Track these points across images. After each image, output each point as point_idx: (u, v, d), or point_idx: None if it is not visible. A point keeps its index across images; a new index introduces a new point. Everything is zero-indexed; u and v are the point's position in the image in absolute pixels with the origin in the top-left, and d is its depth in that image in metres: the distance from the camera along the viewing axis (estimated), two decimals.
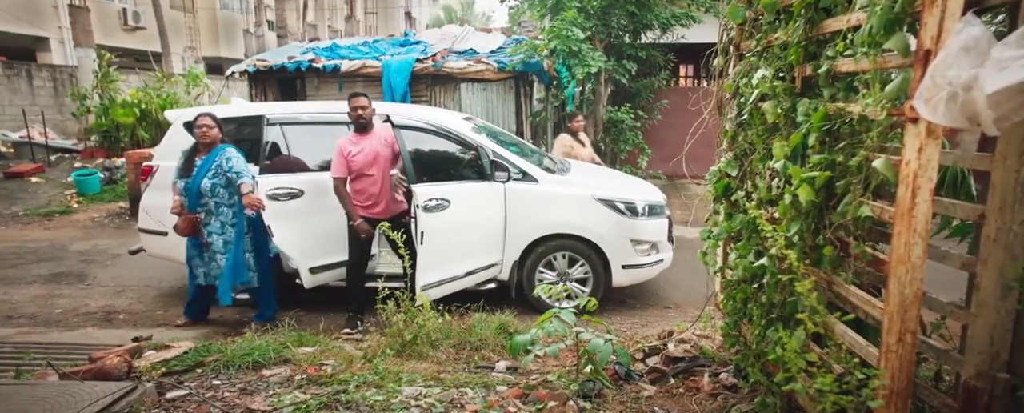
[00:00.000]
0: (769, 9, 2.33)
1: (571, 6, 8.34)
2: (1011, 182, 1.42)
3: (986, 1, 1.47)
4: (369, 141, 4.54)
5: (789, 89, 2.18)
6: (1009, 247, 1.44)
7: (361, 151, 4.49)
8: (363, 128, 4.56)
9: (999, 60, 1.28)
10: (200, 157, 4.41)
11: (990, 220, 1.48)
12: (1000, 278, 1.45)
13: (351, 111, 4.53)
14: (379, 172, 4.53)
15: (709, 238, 2.83)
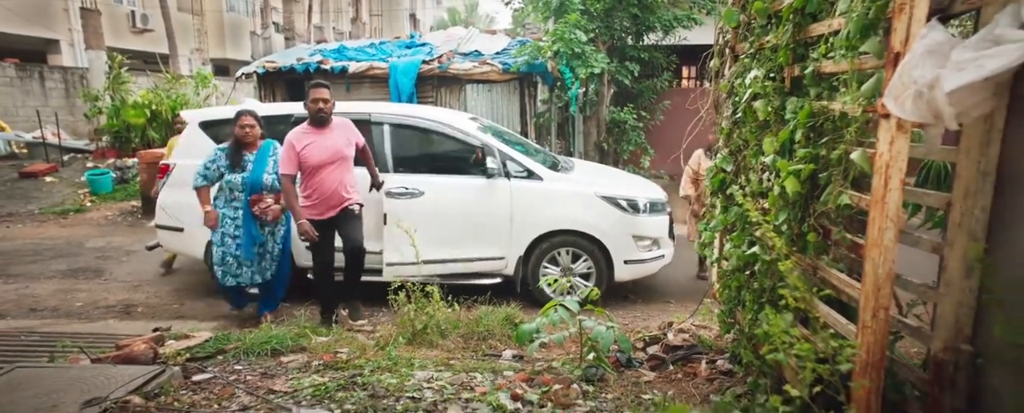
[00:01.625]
0: (761, 14, 2.49)
1: (574, 9, 8.50)
2: (973, 172, 1.57)
3: (950, 9, 1.62)
4: (325, 136, 4.25)
5: (779, 88, 2.33)
6: (972, 231, 1.59)
7: (312, 144, 4.18)
8: (320, 122, 4.25)
9: (958, 62, 1.43)
10: (248, 151, 4.42)
11: (955, 207, 1.63)
12: (964, 259, 1.60)
13: (310, 103, 4.20)
14: (334, 171, 4.24)
15: (706, 230, 2.98)
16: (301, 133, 4.24)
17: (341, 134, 4.34)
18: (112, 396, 2.58)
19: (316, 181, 4.23)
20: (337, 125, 4.35)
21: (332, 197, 4.27)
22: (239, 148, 4.41)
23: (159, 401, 2.66)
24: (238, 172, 4.35)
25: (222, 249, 4.39)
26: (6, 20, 15.44)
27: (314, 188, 4.26)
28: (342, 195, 4.31)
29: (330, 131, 4.27)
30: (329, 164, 4.22)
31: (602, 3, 9.01)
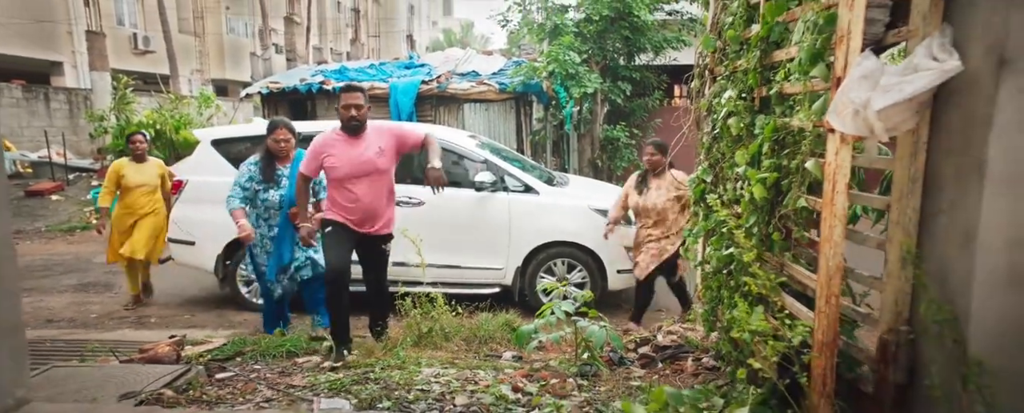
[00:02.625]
0: (733, 41, 2.79)
1: (568, 31, 8.87)
2: (905, 178, 1.85)
3: (883, 42, 1.91)
4: (357, 147, 3.70)
5: (749, 107, 2.62)
6: (906, 228, 1.86)
7: (338, 155, 3.67)
8: (353, 131, 3.72)
9: (885, 86, 1.72)
10: (281, 165, 4.22)
11: (893, 208, 1.90)
12: (901, 253, 1.87)
13: (342, 108, 3.69)
14: (370, 187, 3.72)
15: (690, 235, 3.25)
16: (330, 138, 3.76)
17: (372, 142, 3.74)
18: (146, 390, 2.81)
19: (350, 195, 3.72)
20: (370, 134, 3.77)
21: (364, 216, 3.78)
22: (271, 161, 4.19)
23: (188, 395, 2.89)
24: (273, 188, 4.15)
25: (259, 267, 4.31)
26: (12, 43, 15.77)
27: (341, 201, 3.76)
28: (378, 217, 3.83)
29: (363, 141, 3.73)
30: (358, 178, 3.71)
31: (595, 25, 9.39)
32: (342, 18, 32.03)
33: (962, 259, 1.65)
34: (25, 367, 2.29)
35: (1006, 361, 1.58)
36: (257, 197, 4.19)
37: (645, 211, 4.70)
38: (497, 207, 5.26)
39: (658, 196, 4.65)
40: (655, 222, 4.69)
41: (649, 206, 4.67)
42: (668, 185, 4.68)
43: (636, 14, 9.29)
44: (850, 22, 1.84)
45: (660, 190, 4.67)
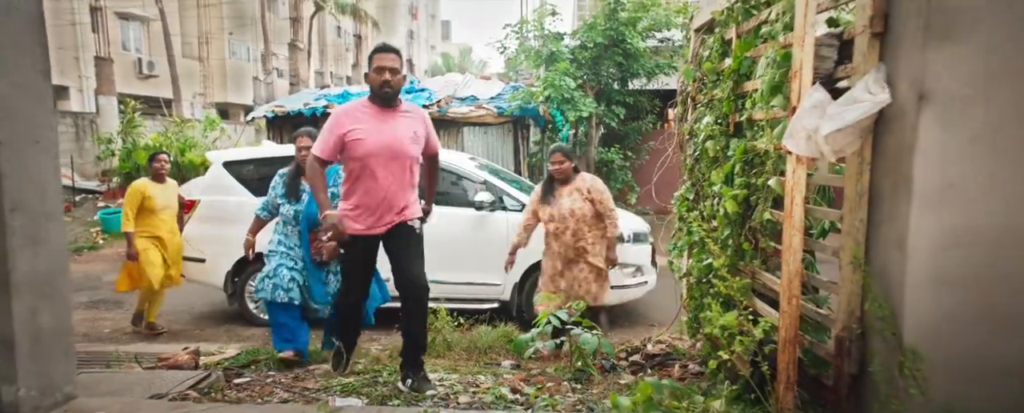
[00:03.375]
0: (710, 72, 3.10)
1: (563, 58, 9.24)
2: (853, 193, 2.13)
3: (833, 77, 2.21)
4: (386, 121, 3.10)
5: (724, 131, 2.92)
6: (855, 237, 2.14)
7: (365, 129, 3.04)
8: (385, 100, 3.10)
9: (830, 114, 2.01)
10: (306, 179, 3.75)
11: (845, 219, 2.18)
12: (851, 259, 2.15)
13: (374, 73, 3.06)
14: (391, 173, 3.10)
15: (675, 249, 3.53)
16: (354, 109, 3.15)
17: (407, 124, 3.17)
18: (172, 392, 3.05)
19: (363, 183, 3.11)
20: (406, 111, 3.21)
21: (381, 207, 3.14)
22: (298, 174, 3.95)
23: (211, 396, 3.12)
24: (293, 203, 3.92)
25: (279, 265, 3.83)
26: None
27: (359, 191, 3.14)
28: (397, 205, 3.18)
29: (395, 116, 3.13)
30: (384, 160, 3.07)
31: (589, 52, 9.77)
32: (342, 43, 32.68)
33: (897, 263, 1.93)
34: (73, 366, 2.53)
35: (933, 349, 1.84)
36: (279, 210, 4.03)
37: (561, 218, 4.28)
38: (496, 226, 5.53)
39: (571, 202, 4.28)
40: (573, 232, 4.28)
41: (565, 213, 4.27)
42: (577, 191, 4.32)
43: (629, 41, 9.68)
44: (801, 60, 2.14)
45: (571, 196, 4.30)
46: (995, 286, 1.81)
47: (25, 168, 2.23)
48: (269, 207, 4.09)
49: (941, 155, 1.82)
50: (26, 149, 2.23)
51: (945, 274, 1.85)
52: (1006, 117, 1.77)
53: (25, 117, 2.22)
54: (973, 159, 1.80)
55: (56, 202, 2.39)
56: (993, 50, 1.75)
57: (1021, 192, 1.79)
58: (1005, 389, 1.79)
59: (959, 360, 1.84)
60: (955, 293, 1.84)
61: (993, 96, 1.77)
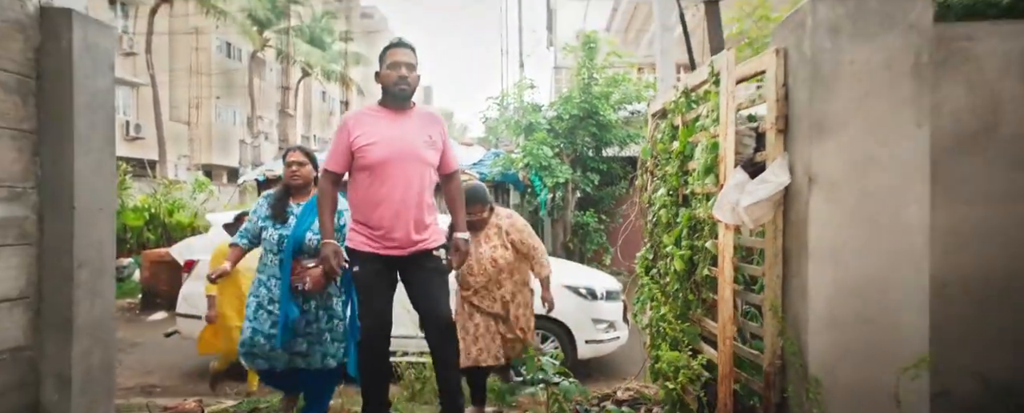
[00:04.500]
0: (663, 152, 3.69)
1: (541, 128, 9.96)
2: (771, 253, 2.66)
3: (753, 161, 2.79)
4: (402, 126, 2.89)
5: (674, 201, 3.47)
6: (773, 289, 2.65)
7: (376, 131, 2.84)
8: (398, 99, 2.90)
9: (748, 191, 2.57)
10: (295, 201, 3.44)
11: (766, 275, 2.70)
12: (771, 307, 2.65)
13: (388, 69, 2.87)
14: (405, 181, 2.85)
15: (637, 303, 4.02)
16: (362, 113, 2.96)
17: (421, 126, 2.94)
18: None
19: (372, 193, 2.85)
20: (420, 114, 2.99)
21: (393, 221, 2.85)
22: (286, 196, 3.47)
23: None
24: (278, 226, 3.36)
25: (253, 324, 3.38)
26: None
27: (367, 204, 2.88)
28: (412, 223, 2.88)
29: (408, 118, 2.93)
30: (394, 165, 2.83)
31: (565, 123, 10.52)
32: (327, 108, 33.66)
33: (802, 309, 2.44)
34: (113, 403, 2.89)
35: (829, 378, 2.33)
36: (262, 236, 3.43)
37: (479, 268, 3.63)
38: None
39: (491, 249, 3.68)
40: (491, 279, 3.68)
41: (486, 261, 3.63)
42: (494, 233, 3.75)
43: (602, 113, 10.46)
44: (725, 148, 2.72)
45: (490, 241, 3.71)
46: (872, 326, 2.33)
47: (91, 231, 2.67)
48: (249, 235, 3.51)
49: (828, 224, 2.37)
50: (93, 215, 2.69)
51: (836, 318, 2.37)
52: (871, 194, 2.34)
53: (94, 189, 2.69)
54: (851, 227, 2.35)
55: (110, 259, 2.82)
56: (856, 143, 2.33)
57: (887, 253, 2.33)
58: (880, 408, 2.27)
59: (848, 386, 2.32)
60: (844, 332, 2.35)
61: (860, 178, 2.34)
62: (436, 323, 2.96)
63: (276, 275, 3.36)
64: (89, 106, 2.64)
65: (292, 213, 3.39)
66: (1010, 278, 2.49)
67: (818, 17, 2.36)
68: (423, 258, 2.97)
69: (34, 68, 2.52)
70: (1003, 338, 2.48)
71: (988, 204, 2.49)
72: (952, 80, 2.49)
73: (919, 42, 2.31)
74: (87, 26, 2.62)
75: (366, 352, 2.98)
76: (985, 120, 2.48)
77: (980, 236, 2.50)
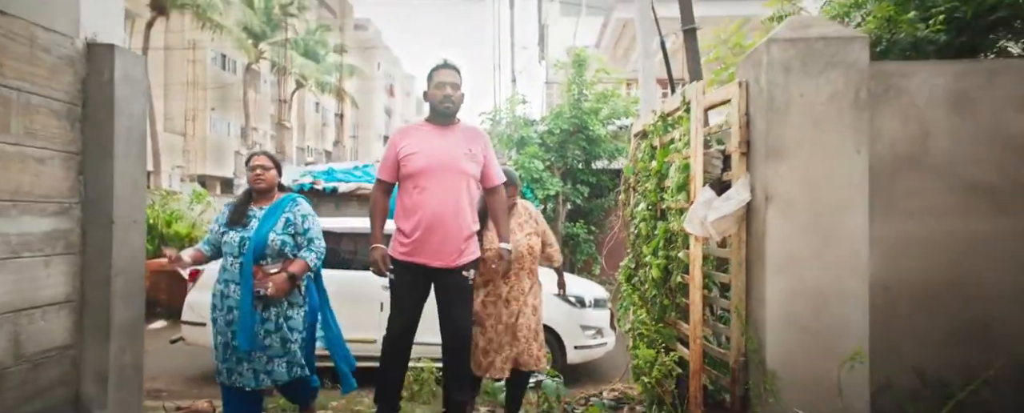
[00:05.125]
0: (643, 170, 4.03)
1: (533, 143, 10.31)
2: (736, 262, 2.99)
3: (721, 179, 3.13)
4: (445, 139, 3.12)
5: (653, 215, 3.81)
6: (738, 294, 2.97)
7: (419, 144, 3.08)
8: (443, 116, 3.15)
9: (714, 207, 2.91)
10: (257, 205, 3.40)
11: (732, 282, 3.03)
12: (736, 310, 2.98)
13: (434, 89, 3.13)
14: (445, 191, 3.04)
15: (620, 308, 4.34)
16: (411, 128, 3.24)
17: (463, 140, 3.16)
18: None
19: (414, 201, 3.06)
20: (462, 130, 3.22)
21: (435, 230, 3.04)
22: (247, 200, 3.42)
23: None
24: (239, 230, 3.28)
25: (221, 338, 3.30)
26: None
27: (410, 212, 3.08)
28: (454, 234, 3.08)
29: (452, 132, 3.16)
30: (435, 174, 3.05)
31: (556, 137, 10.89)
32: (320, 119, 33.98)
33: (761, 312, 2.77)
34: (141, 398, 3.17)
35: (784, 370, 2.66)
36: (222, 241, 3.34)
37: (519, 259, 3.56)
38: None
39: (525, 236, 3.64)
40: (523, 268, 3.61)
41: (524, 250, 3.60)
42: (526, 221, 3.75)
43: (591, 128, 10.84)
44: (695, 169, 3.06)
45: (523, 229, 3.68)
46: (820, 326, 2.66)
47: (126, 242, 2.97)
48: (210, 243, 3.45)
49: (782, 237, 2.71)
50: (128, 227, 2.99)
51: (790, 319, 2.70)
52: (819, 211, 2.68)
53: (130, 204, 2.99)
54: (802, 239, 2.69)
55: (142, 267, 3.12)
56: (807, 167, 2.68)
57: (833, 262, 2.68)
58: (826, 396, 2.60)
59: (799, 379, 2.65)
60: (796, 332, 2.68)
61: (809, 196, 2.69)
62: (453, 335, 3.23)
63: (235, 280, 3.25)
64: (127, 130, 2.95)
65: (254, 216, 3.34)
66: (944, 282, 2.84)
67: (772, 56, 2.72)
68: (454, 277, 3.17)
69: (80, 97, 2.83)
70: (937, 336, 2.82)
71: (924, 218, 2.84)
72: (891, 110, 2.84)
73: (858, 79, 2.67)
74: (126, 59, 2.94)
75: (388, 351, 3.23)
76: (918, 146, 2.84)
77: (918, 246, 2.85)
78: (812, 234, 2.69)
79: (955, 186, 2.83)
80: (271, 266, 3.22)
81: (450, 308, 3.21)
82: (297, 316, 3.33)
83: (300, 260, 3.26)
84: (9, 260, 2.48)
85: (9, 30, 2.46)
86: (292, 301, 3.30)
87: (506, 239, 3.26)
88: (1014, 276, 2.72)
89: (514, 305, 3.57)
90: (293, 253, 3.30)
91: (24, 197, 2.54)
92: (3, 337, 2.45)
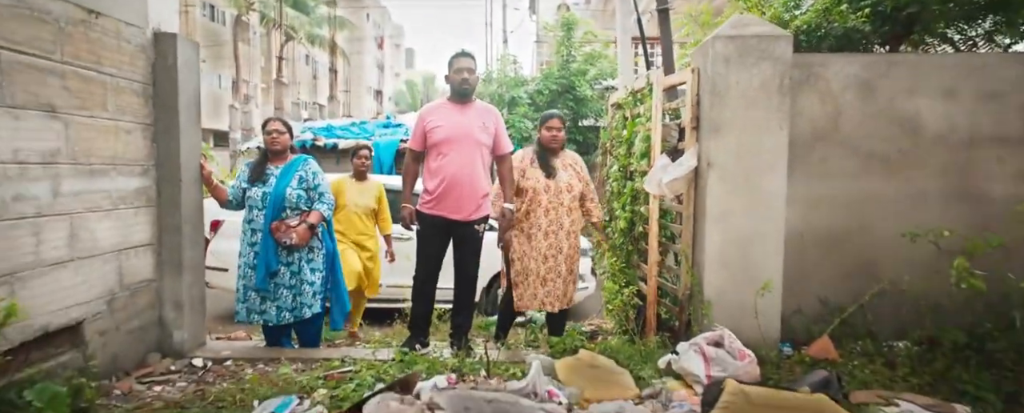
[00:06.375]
0: (617, 136, 4.71)
1: (522, 103, 10.89)
2: (687, 215, 3.70)
3: (677, 148, 3.82)
4: (463, 115, 3.71)
5: (624, 175, 4.51)
6: (687, 242, 3.70)
7: (442, 119, 3.68)
8: (462, 95, 3.74)
9: (670, 171, 3.61)
10: (273, 164, 3.88)
11: (682, 232, 3.76)
12: (684, 255, 3.71)
13: (453, 74, 3.72)
14: (463, 157, 3.64)
15: (598, 255, 5.09)
16: (435, 106, 3.83)
17: (478, 116, 3.75)
18: None
19: (438, 164, 3.67)
20: (478, 107, 3.82)
21: (455, 187, 3.66)
22: (264, 161, 3.90)
23: None
24: (259, 186, 3.78)
25: (243, 282, 3.82)
26: None
27: (434, 175, 3.69)
28: (470, 192, 3.69)
29: (469, 109, 3.75)
30: (456, 143, 3.65)
31: (545, 97, 11.47)
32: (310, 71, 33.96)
33: (702, 255, 3.52)
34: (205, 322, 3.90)
35: (717, 300, 3.42)
36: (244, 196, 3.84)
37: (557, 192, 3.93)
38: None
39: (570, 176, 4.01)
40: (569, 208, 3.96)
41: (562, 186, 3.95)
42: (570, 163, 4.11)
43: (578, 88, 11.41)
44: (654, 139, 3.75)
45: (568, 170, 4.04)
46: (744, 265, 3.41)
47: (190, 196, 3.64)
48: (234, 194, 3.89)
49: (719, 196, 3.43)
50: (191, 185, 3.65)
51: (722, 260, 3.45)
52: (748, 175, 3.40)
53: (190, 165, 3.64)
54: (735, 198, 3.41)
55: (201, 217, 3.79)
56: (740, 141, 3.38)
57: (757, 216, 3.40)
58: (747, 318, 3.38)
59: (728, 305, 3.42)
60: (727, 270, 3.44)
61: (741, 164, 3.39)
62: (461, 275, 3.93)
63: (260, 229, 3.73)
64: (187, 105, 3.58)
65: (272, 174, 3.81)
66: (845, 231, 3.59)
67: (716, 50, 3.37)
68: (467, 229, 3.77)
69: (151, 78, 3.44)
70: (837, 272, 3.59)
71: (832, 181, 3.57)
72: (811, 94, 3.53)
73: (783, 70, 3.34)
74: (185, 45, 3.54)
75: (417, 291, 3.91)
76: (831, 122, 3.54)
77: (826, 202, 3.59)
78: (742, 194, 3.41)
79: (857, 155, 3.55)
80: (291, 219, 3.73)
81: (462, 255, 3.87)
82: (317, 258, 3.89)
83: (315, 211, 3.78)
84: (113, 211, 3.15)
85: (105, 27, 3.05)
86: (312, 246, 3.84)
87: (510, 200, 3.87)
88: (895, 224, 3.47)
89: (552, 238, 3.93)
90: (307, 206, 3.80)
91: (119, 161, 3.19)
92: (113, 270, 3.15)
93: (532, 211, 3.96)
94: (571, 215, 3.99)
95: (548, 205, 3.94)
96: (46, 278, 2.70)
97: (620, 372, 3.11)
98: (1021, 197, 3.44)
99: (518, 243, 4.00)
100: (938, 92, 3.54)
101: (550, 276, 3.95)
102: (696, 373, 2.88)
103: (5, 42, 2.49)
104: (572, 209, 3.99)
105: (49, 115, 2.73)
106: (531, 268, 3.97)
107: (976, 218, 3.51)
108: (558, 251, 3.94)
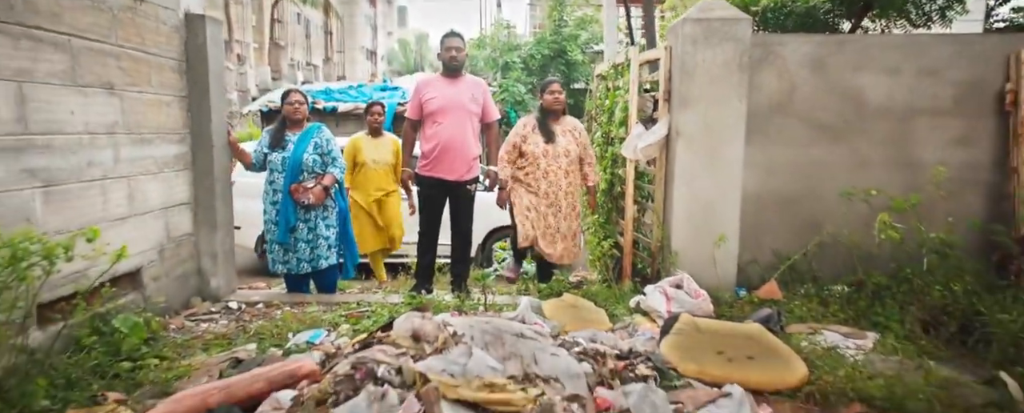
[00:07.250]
0: (601, 104, 5.18)
1: (516, 67, 11.25)
2: (660, 177, 4.20)
3: (651, 117, 4.29)
4: (455, 87, 4.19)
5: (606, 140, 5.00)
6: (659, 201, 4.20)
7: (437, 92, 4.17)
8: (452, 71, 4.23)
9: (644, 138, 4.10)
10: (291, 131, 4.30)
11: (655, 193, 4.27)
12: (656, 211, 4.24)
13: (443, 51, 4.21)
14: (455, 125, 4.13)
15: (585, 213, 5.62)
16: (430, 80, 4.32)
17: (467, 88, 4.23)
18: None
19: (432, 131, 4.16)
20: (467, 80, 4.30)
21: (448, 151, 4.14)
22: (283, 128, 4.30)
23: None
24: (279, 151, 4.21)
25: (270, 236, 4.32)
26: None
27: (430, 140, 4.18)
28: (462, 155, 4.18)
29: (459, 83, 4.23)
30: (448, 112, 4.14)
31: (537, 62, 11.81)
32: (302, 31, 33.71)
33: (670, 213, 4.04)
34: (235, 272, 4.43)
35: (682, 250, 3.96)
36: (266, 160, 4.27)
37: (555, 157, 4.33)
38: None
39: (568, 141, 4.39)
40: (565, 171, 4.35)
41: (561, 151, 4.34)
42: (570, 129, 4.46)
43: (570, 53, 11.75)
44: (631, 110, 4.23)
45: (566, 136, 4.41)
46: (706, 220, 3.94)
47: (220, 160, 4.11)
48: (257, 159, 4.31)
49: (686, 161, 3.93)
50: (222, 150, 4.12)
51: (688, 217, 3.98)
52: (710, 143, 3.89)
53: (219, 132, 4.10)
54: (699, 164, 3.91)
55: (229, 178, 4.27)
56: (705, 113, 3.86)
57: (717, 179, 3.91)
58: (707, 267, 3.92)
59: (691, 255, 3.96)
60: (691, 225, 3.96)
61: (704, 133, 3.88)
62: (456, 231, 4.45)
63: (280, 190, 4.18)
64: (216, 78, 4.02)
65: (290, 141, 4.24)
66: (796, 193, 4.11)
67: (685, 30, 3.82)
68: (461, 189, 4.29)
69: (184, 55, 3.87)
70: (789, 228, 4.13)
71: (787, 148, 4.07)
72: (769, 70, 3.99)
73: (743, 49, 3.80)
74: (212, 25, 3.96)
75: (422, 243, 4.42)
76: (787, 96, 4.01)
77: (781, 168, 4.10)
78: (705, 160, 3.92)
79: (809, 126, 4.05)
80: (308, 181, 4.18)
81: (457, 212, 4.41)
82: (331, 215, 4.38)
83: (329, 174, 4.24)
84: (159, 174, 3.63)
85: (147, 12, 3.46)
86: (326, 205, 4.31)
87: (495, 163, 4.43)
88: (839, 186, 4.00)
89: (552, 197, 4.35)
90: (321, 169, 4.25)
91: (162, 130, 3.65)
92: (161, 225, 3.65)
93: (531, 173, 4.38)
94: (569, 177, 4.38)
95: (546, 168, 4.34)
96: (112, 231, 3.20)
97: (598, 310, 3.66)
98: (947, 162, 3.96)
99: (518, 197, 4.46)
100: (883, 69, 4.01)
101: (549, 232, 4.43)
102: (659, 309, 3.44)
103: (75, 31, 2.92)
104: (569, 172, 4.38)
105: (109, 92, 3.18)
106: (539, 210, 4.40)
107: (910, 181, 4.03)
108: (557, 210, 4.39)
